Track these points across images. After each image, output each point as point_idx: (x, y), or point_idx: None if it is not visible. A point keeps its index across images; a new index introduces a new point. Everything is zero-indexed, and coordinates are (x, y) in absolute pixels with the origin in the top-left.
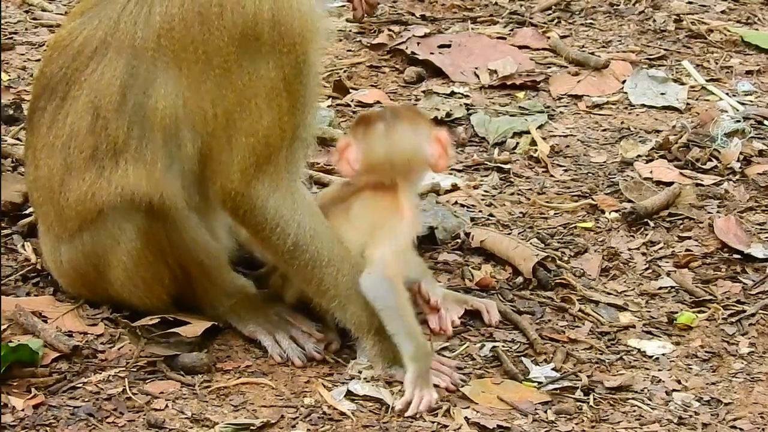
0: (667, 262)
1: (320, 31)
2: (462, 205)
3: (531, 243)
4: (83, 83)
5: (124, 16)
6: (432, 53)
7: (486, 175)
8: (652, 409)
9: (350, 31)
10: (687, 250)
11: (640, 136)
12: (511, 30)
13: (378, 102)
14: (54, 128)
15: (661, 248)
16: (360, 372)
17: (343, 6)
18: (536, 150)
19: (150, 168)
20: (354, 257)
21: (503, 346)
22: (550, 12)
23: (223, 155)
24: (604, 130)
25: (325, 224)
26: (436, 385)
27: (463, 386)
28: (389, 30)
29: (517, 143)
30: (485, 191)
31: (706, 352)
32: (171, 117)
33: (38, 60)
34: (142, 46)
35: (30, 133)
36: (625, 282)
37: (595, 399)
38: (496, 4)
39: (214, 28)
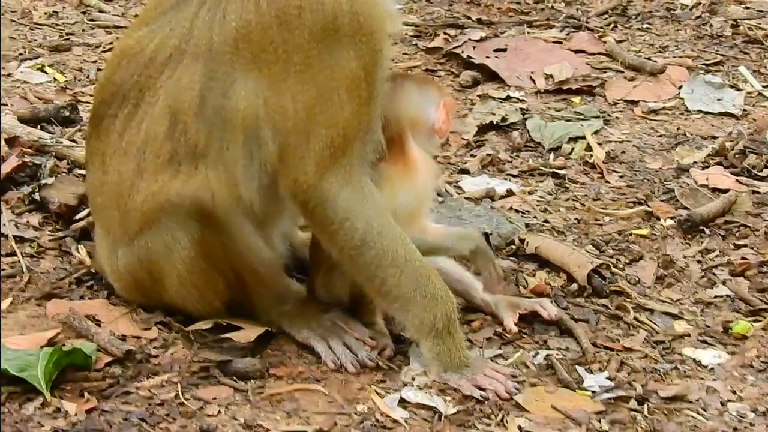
0: (722, 271)
1: (394, 18)
2: (517, 211)
3: (586, 250)
4: (158, 89)
5: (197, 23)
6: (488, 57)
7: (541, 181)
8: (706, 419)
9: (407, 34)
10: (743, 258)
11: (696, 143)
12: (568, 34)
13: None
14: (127, 134)
15: (716, 256)
16: (413, 379)
17: (400, 9)
18: (591, 156)
19: (230, 171)
20: (418, 259)
21: (557, 354)
22: (606, 16)
23: (299, 149)
24: (660, 136)
25: (392, 223)
26: (486, 396)
27: (516, 394)
28: (445, 33)
29: (573, 149)
30: (540, 197)
31: (762, 362)
32: (252, 117)
33: (95, 61)
34: (219, 50)
35: (96, 138)
36: (680, 290)
37: (649, 408)
38: (552, 8)
39: (294, 27)
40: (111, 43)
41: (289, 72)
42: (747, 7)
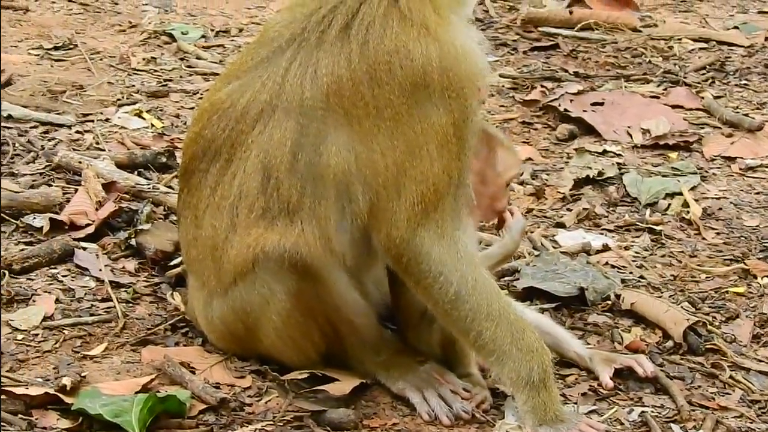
0: None
1: (484, 74)
2: (613, 266)
3: (682, 307)
4: (251, 144)
5: (288, 79)
6: (585, 111)
7: (637, 236)
8: None
9: (503, 86)
10: None
11: None
12: (665, 89)
13: (530, 159)
14: (219, 189)
15: None
16: None
17: (497, 60)
18: (688, 212)
19: (323, 225)
20: (513, 311)
21: (652, 412)
22: (704, 72)
23: (391, 204)
24: (758, 193)
25: (486, 276)
26: None
27: None
28: (542, 86)
29: (669, 204)
30: (636, 252)
31: None
32: (343, 173)
33: (192, 108)
34: (311, 105)
35: (188, 193)
36: None
37: None
38: (650, 62)
39: (384, 83)
40: (208, 90)
41: (379, 127)
42: None
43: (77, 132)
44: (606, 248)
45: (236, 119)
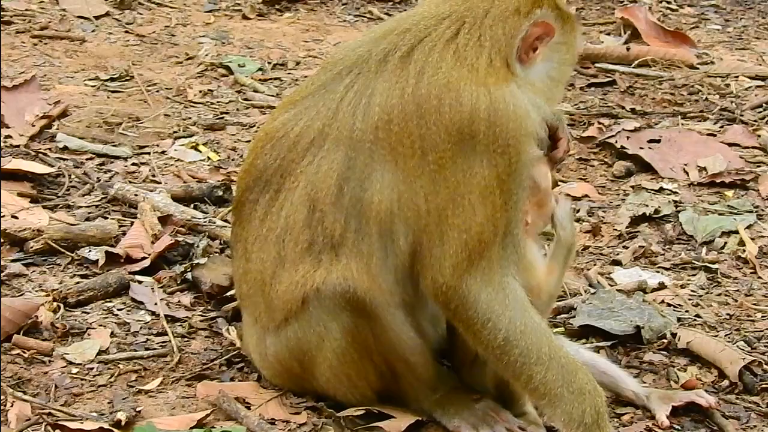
0: None
1: (534, 135)
2: (669, 305)
3: (737, 346)
4: (299, 175)
5: (342, 106)
6: (641, 148)
7: (693, 275)
8: None
9: None
10: None
11: None
12: (721, 127)
13: (586, 195)
14: (267, 221)
15: None
16: None
17: None
18: (744, 250)
19: (367, 262)
20: (564, 355)
21: None
22: (761, 110)
23: (434, 250)
24: None
25: (536, 321)
26: None
27: None
28: (599, 123)
29: (725, 243)
30: (692, 291)
31: None
32: (386, 211)
33: (248, 141)
34: (360, 137)
35: (239, 226)
36: None
37: None
38: (706, 99)
39: (431, 123)
40: (264, 123)
41: (423, 169)
42: None
43: (133, 164)
44: (662, 286)
45: (288, 148)
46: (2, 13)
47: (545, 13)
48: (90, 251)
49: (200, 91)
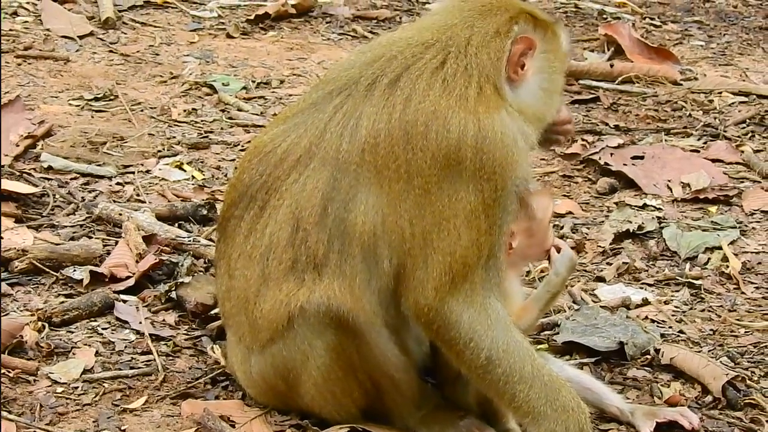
0: None
1: (521, 164)
2: (652, 321)
3: (721, 361)
4: (284, 192)
5: (331, 126)
6: (625, 164)
7: (677, 291)
8: None
9: None
10: None
11: None
12: (705, 143)
13: (570, 212)
14: (252, 238)
15: None
16: None
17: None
18: (728, 266)
19: (350, 283)
20: (547, 373)
21: None
22: (744, 125)
23: (418, 272)
24: None
25: (518, 340)
26: None
27: None
28: (583, 140)
29: (709, 258)
30: (676, 307)
31: None
32: (370, 233)
33: (232, 160)
34: (346, 159)
35: (224, 242)
36: None
37: None
38: (690, 116)
39: (418, 148)
40: (248, 142)
41: (409, 193)
42: None
43: (118, 184)
44: (646, 302)
45: (274, 164)
46: None
47: (523, 27)
48: (74, 271)
49: (184, 110)
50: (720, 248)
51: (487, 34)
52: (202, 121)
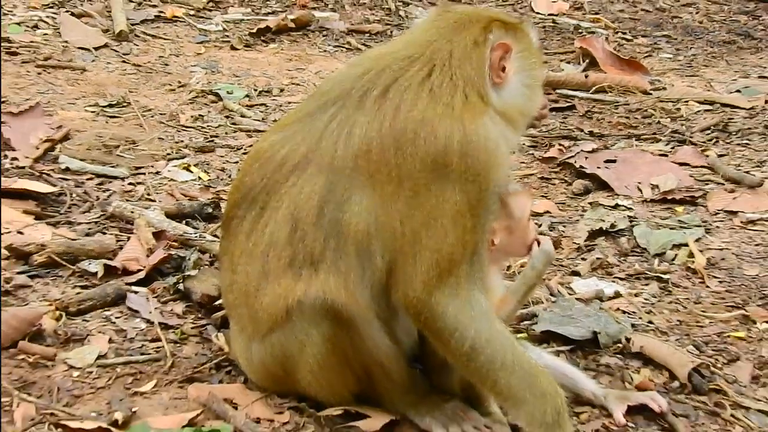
0: None
1: (503, 167)
2: (624, 312)
3: (687, 350)
4: (283, 195)
5: (326, 135)
6: (599, 167)
7: (646, 284)
8: None
9: (524, 144)
10: None
11: None
12: (673, 148)
13: (548, 211)
14: (253, 236)
15: None
16: None
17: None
18: (693, 262)
19: (344, 278)
20: (527, 361)
21: None
22: (708, 132)
23: (407, 267)
24: (758, 244)
25: (500, 330)
26: None
27: None
28: (560, 144)
29: (676, 255)
30: (645, 299)
31: None
32: (363, 233)
33: (236, 162)
34: (341, 164)
35: (227, 239)
36: None
37: None
38: (659, 123)
39: (408, 154)
40: (251, 146)
41: (399, 195)
42: None
43: (130, 184)
44: (617, 295)
45: (274, 169)
46: (10, 45)
47: (497, 34)
48: (90, 264)
49: (192, 116)
50: (686, 245)
51: (467, 46)
52: (208, 126)
